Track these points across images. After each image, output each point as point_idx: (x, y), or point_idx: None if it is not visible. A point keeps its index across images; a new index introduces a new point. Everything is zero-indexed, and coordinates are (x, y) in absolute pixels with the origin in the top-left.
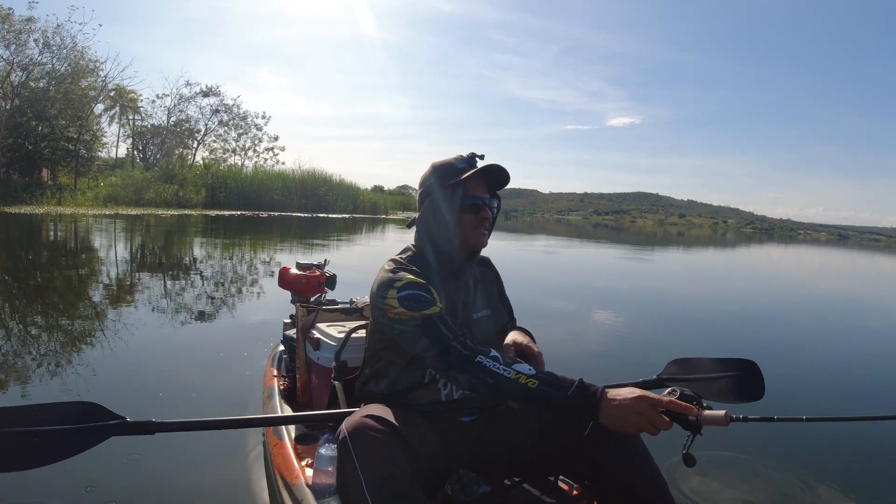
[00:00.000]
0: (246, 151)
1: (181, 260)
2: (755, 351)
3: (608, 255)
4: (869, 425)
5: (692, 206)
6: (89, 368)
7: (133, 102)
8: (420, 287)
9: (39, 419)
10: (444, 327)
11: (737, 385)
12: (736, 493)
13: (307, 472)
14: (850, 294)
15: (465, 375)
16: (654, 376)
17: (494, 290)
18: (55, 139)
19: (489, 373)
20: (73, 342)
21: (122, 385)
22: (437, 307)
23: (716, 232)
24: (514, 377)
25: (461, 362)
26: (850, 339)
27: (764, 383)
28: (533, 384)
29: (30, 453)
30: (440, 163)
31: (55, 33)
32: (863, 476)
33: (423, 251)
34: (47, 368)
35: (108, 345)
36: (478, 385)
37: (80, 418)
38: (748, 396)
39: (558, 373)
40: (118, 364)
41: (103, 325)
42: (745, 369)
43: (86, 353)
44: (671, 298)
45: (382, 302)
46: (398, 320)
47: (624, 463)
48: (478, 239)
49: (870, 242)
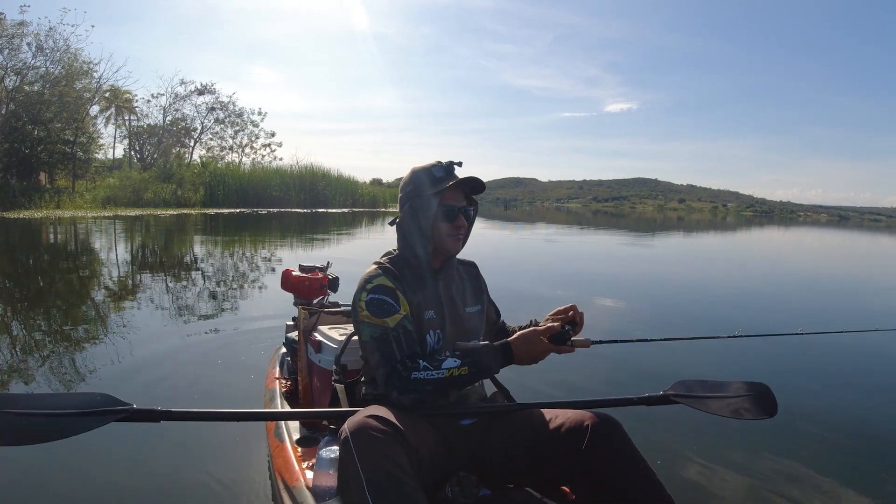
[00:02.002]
0: (243, 148)
1: (184, 261)
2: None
3: (608, 242)
4: (870, 416)
5: (691, 191)
6: (95, 369)
7: (128, 103)
8: (387, 292)
9: (56, 404)
10: (396, 345)
11: (750, 404)
12: (734, 492)
13: (308, 475)
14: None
15: (407, 396)
16: (661, 392)
17: (482, 288)
18: (51, 142)
19: (426, 382)
20: (83, 343)
21: (126, 387)
22: (399, 315)
23: (716, 216)
24: (447, 375)
25: (402, 385)
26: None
27: (776, 403)
28: (464, 371)
29: (45, 431)
30: (419, 169)
31: (48, 36)
32: (862, 469)
33: (403, 253)
34: (61, 365)
35: (113, 346)
36: (421, 398)
37: (91, 405)
38: (763, 413)
39: (469, 344)
40: (122, 366)
41: (111, 327)
42: (757, 391)
43: (93, 353)
44: (672, 283)
45: (357, 303)
46: (364, 323)
47: (622, 469)
48: (452, 245)
49: (870, 223)
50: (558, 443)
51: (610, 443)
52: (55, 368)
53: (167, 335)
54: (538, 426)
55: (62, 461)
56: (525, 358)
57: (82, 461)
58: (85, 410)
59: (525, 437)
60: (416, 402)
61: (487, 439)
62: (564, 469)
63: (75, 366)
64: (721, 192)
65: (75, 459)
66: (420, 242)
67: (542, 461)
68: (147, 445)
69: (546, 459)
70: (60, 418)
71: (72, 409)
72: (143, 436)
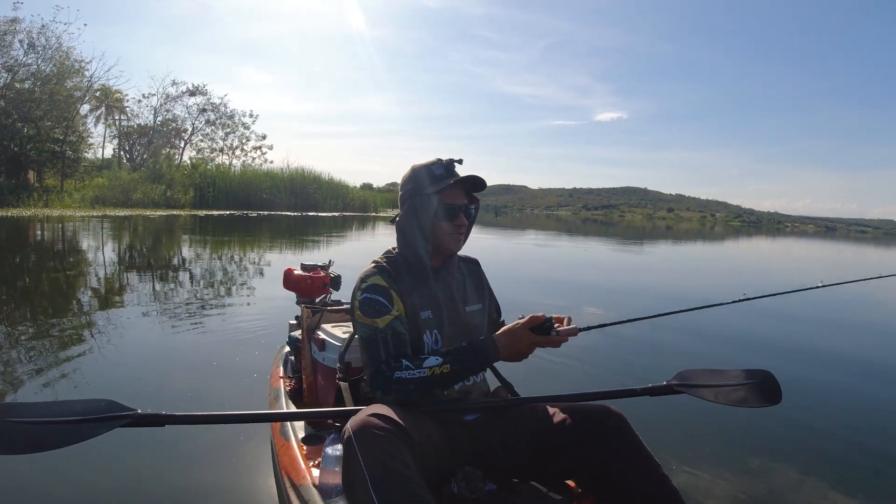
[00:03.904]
0: (234, 150)
1: (183, 264)
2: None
3: (599, 250)
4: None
5: (680, 200)
6: (98, 375)
7: (119, 102)
8: (380, 292)
9: (60, 412)
10: (383, 346)
11: (754, 392)
12: (736, 487)
13: (314, 473)
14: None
15: (390, 395)
16: (664, 382)
17: (484, 286)
18: (41, 141)
19: (409, 382)
20: (84, 348)
21: (129, 389)
22: (390, 316)
23: (704, 226)
24: (429, 374)
25: (385, 385)
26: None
27: (781, 390)
28: (446, 370)
29: (50, 439)
30: (419, 166)
31: (40, 34)
32: (860, 469)
33: (402, 252)
34: (63, 372)
35: (115, 351)
36: (404, 398)
37: (95, 412)
38: (767, 401)
39: (454, 345)
40: (125, 371)
41: (111, 331)
42: (761, 378)
43: (95, 358)
44: (665, 292)
45: (353, 301)
46: (357, 323)
47: (628, 462)
48: (453, 244)
49: (857, 234)
50: (563, 436)
51: (616, 436)
52: (57, 375)
53: (169, 338)
54: (542, 420)
55: (67, 469)
56: (510, 352)
57: (87, 468)
58: (89, 417)
59: (529, 431)
60: (401, 399)
61: (492, 434)
62: (569, 463)
63: (78, 372)
64: (710, 201)
65: (80, 467)
66: (420, 241)
67: (546, 455)
68: (152, 449)
69: (550, 453)
70: (64, 426)
71: (75, 416)
72: (148, 440)
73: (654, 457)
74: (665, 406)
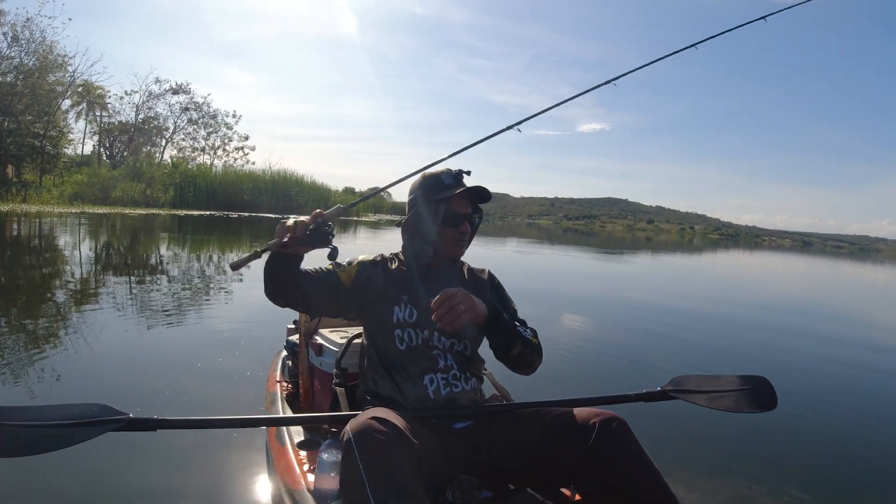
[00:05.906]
0: (215, 150)
1: (178, 266)
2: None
3: (580, 259)
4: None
5: (660, 212)
6: (93, 374)
7: (101, 99)
8: (352, 262)
9: (52, 415)
10: (312, 268)
11: (749, 398)
12: (730, 494)
13: (309, 478)
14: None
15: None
16: (658, 388)
17: (486, 292)
18: (21, 135)
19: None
20: (75, 351)
21: (124, 392)
22: (336, 269)
23: (683, 238)
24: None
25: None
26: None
27: (776, 396)
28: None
29: (41, 443)
30: (429, 174)
31: (24, 27)
32: (855, 476)
33: (405, 252)
34: (54, 375)
35: (107, 353)
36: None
37: (87, 416)
38: (762, 407)
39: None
40: (120, 371)
41: (104, 333)
42: (756, 384)
43: (86, 362)
44: (644, 301)
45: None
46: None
47: (627, 468)
48: (456, 250)
49: (833, 249)
50: (560, 442)
51: (617, 442)
52: (48, 378)
53: (164, 341)
54: (538, 426)
55: (57, 473)
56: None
57: (78, 473)
58: (81, 421)
59: (525, 437)
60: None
61: (487, 441)
62: (566, 469)
63: (69, 375)
64: (689, 214)
65: (71, 471)
66: (423, 244)
67: (542, 462)
68: (145, 454)
69: (547, 460)
70: (56, 429)
71: (67, 420)
72: (142, 445)
73: (655, 464)
74: (660, 412)
